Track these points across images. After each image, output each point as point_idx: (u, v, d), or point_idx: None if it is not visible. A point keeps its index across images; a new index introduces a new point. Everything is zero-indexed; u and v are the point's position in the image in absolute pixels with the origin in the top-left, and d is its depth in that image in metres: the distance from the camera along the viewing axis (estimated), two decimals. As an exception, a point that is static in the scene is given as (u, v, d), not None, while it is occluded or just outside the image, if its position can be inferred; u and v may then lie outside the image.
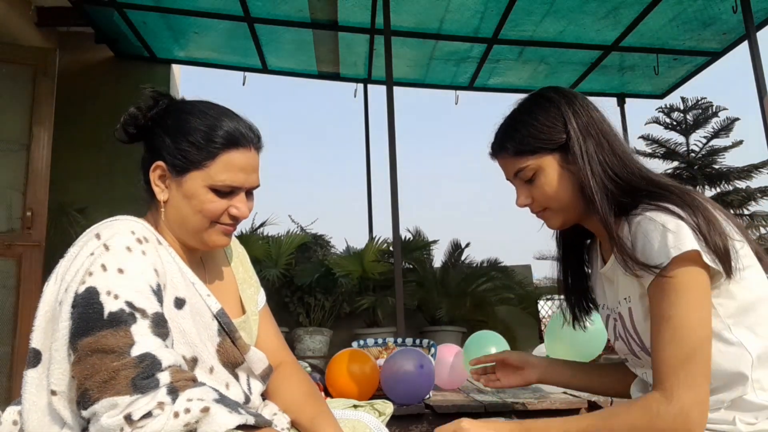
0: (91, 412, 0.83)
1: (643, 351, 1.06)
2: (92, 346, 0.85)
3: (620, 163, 1.05)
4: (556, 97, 1.10)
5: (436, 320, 5.09)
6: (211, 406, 0.84)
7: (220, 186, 1.02)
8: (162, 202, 1.04)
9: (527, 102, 1.13)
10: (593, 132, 1.07)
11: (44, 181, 3.62)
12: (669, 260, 0.92)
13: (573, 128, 1.06)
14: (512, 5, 4.16)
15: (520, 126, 1.10)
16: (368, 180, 6.03)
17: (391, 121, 3.54)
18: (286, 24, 4.59)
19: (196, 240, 1.06)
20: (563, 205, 1.09)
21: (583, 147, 1.05)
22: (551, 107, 1.09)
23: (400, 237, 3.68)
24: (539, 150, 1.08)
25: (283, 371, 1.19)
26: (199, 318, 1.03)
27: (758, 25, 4.19)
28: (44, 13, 4.62)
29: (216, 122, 1.03)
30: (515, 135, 1.10)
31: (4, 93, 3.66)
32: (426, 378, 2.02)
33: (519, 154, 1.09)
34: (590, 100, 1.12)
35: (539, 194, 1.10)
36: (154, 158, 1.04)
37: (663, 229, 0.94)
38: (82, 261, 0.92)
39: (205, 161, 1.01)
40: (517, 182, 1.13)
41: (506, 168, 1.14)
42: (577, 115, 1.07)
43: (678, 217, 0.95)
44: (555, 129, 1.07)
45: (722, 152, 7.54)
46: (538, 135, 1.08)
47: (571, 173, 1.07)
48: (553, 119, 1.08)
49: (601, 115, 1.10)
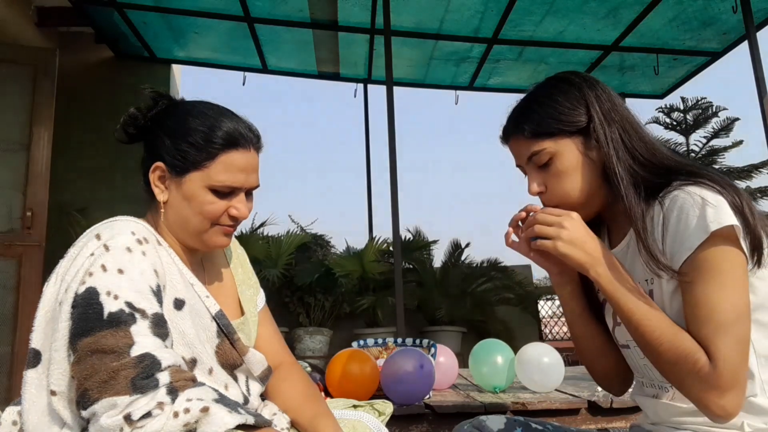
0: (90, 413, 0.83)
1: None
2: (92, 347, 0.85)
3: (650, 148, 1.01)
4: (577, 80, 1.05)
5: (436, 320, 5.09)
6: (211, 406, 0.84)
7: (220, 187, 1.01)
8: (162, 203, 1.04)
9: (546, 84, 1.07)
10: (617, 117, 1.02)
11: (44, 181, 3.63)
12: (708, 235, 0.88)
13: (596, 112, 1.01)
14: (512, 5, 4.16)
15: (538, 107, 1.04)
16: (368, 180, 6.03)
17: (391, 121, 3.54)
18: (286, 24, 4.59)
19: (196, 241, 1.06)
20: (579, 198, 1.03)
21: (608, 132, 1.00)
22: (572, 89, 1.04)
23: (400, 237, 3.68)
24: (558, 132, 1.01)
25: (282, 372, 1.19)
26: (198, 319, 1.03)
27: (758, 25, 4.19)
28: (44, 13, 4.63)
29: (215, 123, 1.03)
30: (533, 116, 1.04)
31: (4, 93, 3.66)
32: (426, 378, 2.02)
33: (536, 135, 1.03)
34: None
35: (554, 182, 1.03)
36: (154, 159, 1.04)
37: (702, 202, 0.89)
38: (82, 261, 0.92)
39: (204, 162, 1.01)
40: (530, 168, 1.06)
41: (519, 151, 1.07)
42: (600, 100, 1.03)
43: (717, 192, 0.90)
44: (576, 111, 1.02)
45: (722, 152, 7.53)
46: (558, 116, 1.02)
47: (591, 160, 1.02)
48: (574, 101, 1.02)
49: (621, 102, 1.05)
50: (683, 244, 0.91)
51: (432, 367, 2.07)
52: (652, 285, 1.00)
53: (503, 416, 1.18)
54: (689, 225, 0.90)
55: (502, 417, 1.17)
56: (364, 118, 6.01)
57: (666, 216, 0.94)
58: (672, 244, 0.93)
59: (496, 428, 1.12)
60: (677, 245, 0.92)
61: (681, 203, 0.92)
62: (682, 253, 0.91)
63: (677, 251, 0.92)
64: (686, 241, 0.91)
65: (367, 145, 6.02)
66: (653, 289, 1.00)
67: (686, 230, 0.91)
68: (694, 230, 0.90)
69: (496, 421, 1.14)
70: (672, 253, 0.93)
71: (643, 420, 1.13)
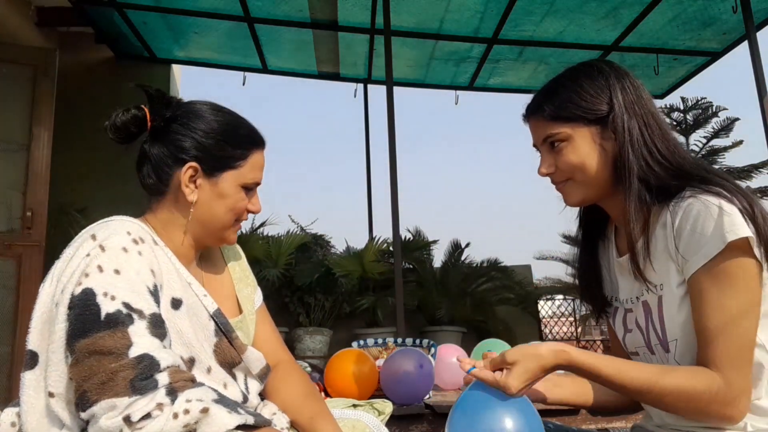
0: (89, 414, 0.83)
1: (660, 345, 1.01)
2: (90, 348, 0.85)
3: (671, 147, 1.01)
4: (606, 68, 1.05)
5: (436, 320, 5.09)
6: (211, 407, 0.84)
7: (250, 184, 1.08)
8: (191, 204, 1.05)
9: (576, 68, 1.08)
10: (640, 111, 1.01)
11: (44, 181, 3.63)
12: (724, 246, 0.88)
13: (618, 102, 1.01)
14: (512, 5, 4.16)
15: (562, 90, 1.04)
16: (368, 180, 6.03)
17: (391, 121, 3.54)
18: (286, 24, 4.59)
19: (215, 237, 1.10)
20: (588, 178, 1.03)
21: (627, 124, 1.00)
22: (599, 77, 1.03)
23: (400, 237, 3.68)
24: (577, 119, 1.02)
25: (281, 371, 1.19)
26: (195, 318, 1.03)
27: (758, 25, 4.18)
28: (44, 13, 4.63)
29: (241, 123, 1.10)
30: (555, 98, 1.04)
31: (4, 93, 3.66)
32: (426, 378, 2.01)
33: (555, 118, 1.03)
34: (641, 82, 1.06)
35: (564, 164, 1.04)
36: (183, 158, 1.04)
37: (719, 212, 0.89)
38: (78, 262, 0.92)
39: (239, 161, 1.07)
40: (544, 148, 1.07)
41: (537, 131, 1.08)
42: (625, 91, 1.02)
43: (731, 202, 0.90)
44: (598, 99, 1.02)
45: (722, 152, 7.52)
46: (579, 102, 1.02)
47: (604, 150, 1.02)
48: (598, 89, 1.02)
49: (649, 97, 1.05)
50: (698, 252, 0.91)
51: (432, 367, 2.07)
52: (662, 292, 1.00)
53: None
54: (705, 233, 0.90)
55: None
56: (364, 118, 6.01)
57: (680, 224, 0.94)
58: (686, 251, 0.93)
59: None
60: (691, 253, 0.93)
61: (696, 211, 0.92)
62: (698, 260, 0.91)
63: (691, 258, 0.92)
64: (702, 249, 0.91)
65: (367, 145, 6.02)
66: (662, 296, 1.00)
67: (701, 238, 0.91)
68: (710, 239, 0.90)
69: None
70: (685, 259, 0.93)
71: (646, 421, 1.13)
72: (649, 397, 0.94)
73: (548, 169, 1.07)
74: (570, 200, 1.09)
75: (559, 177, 1.07)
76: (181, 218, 1.06)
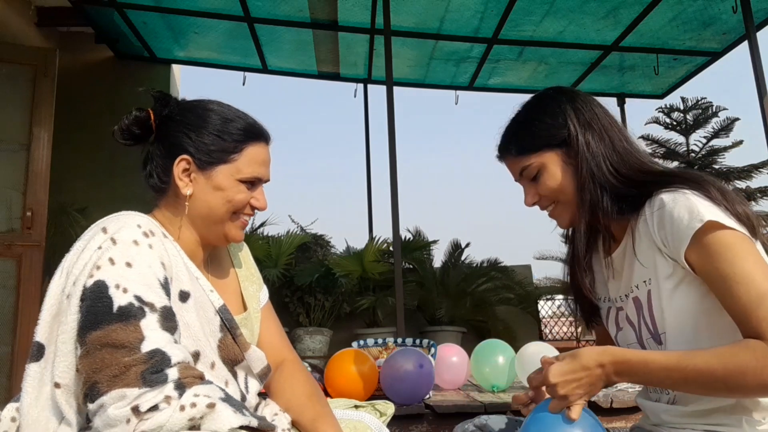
0: (98, 404, 0.84)
1: (652, 339, 1.03)
2: (102, 340, 0.86)
3: (619, 158, 1.06)
4: (556, 95, 1.12)
5: (436, 320, 5.09)
6: (217, 403, 0.85)
7: (248, 177, 1.07)
8: (187, 197, 1.05)
9: (528, 103, 1.15)
10: (596, 127, 1.08)
11: (44, 181, 3.62)
12: (703, 223, 0.91)
13: (573, 123, 1.07)
14: (512, 5, 4.16)
15: (521, 127, 1.12)
16: (368, 180, 6.03)
17: (391, 121, 3.54)
18: (286, 24, 4.59)
19: (216, 233, 1.09)
20: (570, 197, 1.09)
21: (584, 141, 1.06)
22: (551, 104, 1.10)
23: (400, 237, 3.68)
24: (541, 147, 1.09)
25: (286, 370, 1.19)
26: (202, 312, 1.03)
27: (758, 25, 4.19)
28: (44, 13, 4.63)
29: (236, 117, 1.09)
30: (517, 135, 1.12)
31: (4, 93, 3.66)
32: (426, 378, 2.01)
33: (522, 153, 1.11)
34: (594, 97, 1.13)
35: (545, 190, 1.10)
36: (177, 153, 1.05)
37: (691, 198, 0.94)
38: (90, 254, 0.93)
39: (232, 154, 1.06)
40: (524, 182, 1.14)
41: (512, 168, 1.16)
42: (579, 111, 1.09)
43: (694, 194, 0.95)
44: (555, 125, 1.08)
45: (722, 152, 7.51)
46: (538, 133, 1.09)
47: (574, 168, 1.07)
48: (553, 116, 1.09)
49: (604, 111, 1.11)
50: (682, 233, 0.94)
51: (432, 367, 2.07)
52: (650, 286, 1.02)
53: (504, 416, 1.19)
54: (682, 217, 0.94)
55: (503, 417, 1.17)
56: (364, 118, 6.01)
57: (659, 217, 0.98)
58: (672, 239, 0.96)
59: (497, 428, 1.13)
60: (676, 239, 0.95)
61: (670, 203, 0.96)
62: (683, 241, 0.94)
63: (678, 241, 0.95)
64: (685, 230, 0.93)
65: (367, 145, 6.02)
66: (651, 290, 1.02)
67: (681, 222, 0.94)
68: (689, 221, 0.93)
69: (498, 421, 1.15)
70: (674, 246, 0.96)
71: (644, 422, 1.13)
72: (710, 381, 0.87)
73: (533, 199, 1.13)
74: (562, 223, 1.14)
75: (545, 203, 1.13)
76: (182, 213, 1.07)
